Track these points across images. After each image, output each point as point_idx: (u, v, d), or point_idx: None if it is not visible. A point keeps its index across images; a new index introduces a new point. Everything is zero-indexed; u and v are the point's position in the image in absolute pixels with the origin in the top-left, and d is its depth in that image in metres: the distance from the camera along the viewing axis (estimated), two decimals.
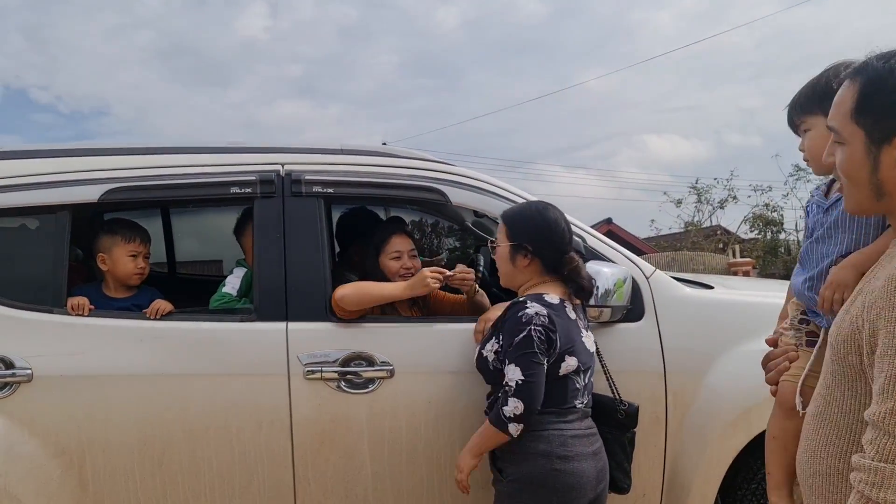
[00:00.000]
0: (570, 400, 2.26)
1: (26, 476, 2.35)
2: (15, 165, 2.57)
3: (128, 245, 2.73)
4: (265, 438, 2.47)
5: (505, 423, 2.16)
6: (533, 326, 2.18)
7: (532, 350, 2.16)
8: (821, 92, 1.73)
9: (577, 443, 2.24)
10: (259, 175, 2.64)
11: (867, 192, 1.29)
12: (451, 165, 2.88)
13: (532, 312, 2.20)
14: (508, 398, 2.16)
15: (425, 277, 2.56)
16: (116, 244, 2.73)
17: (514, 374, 2.17)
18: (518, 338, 2.18)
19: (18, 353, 2.38)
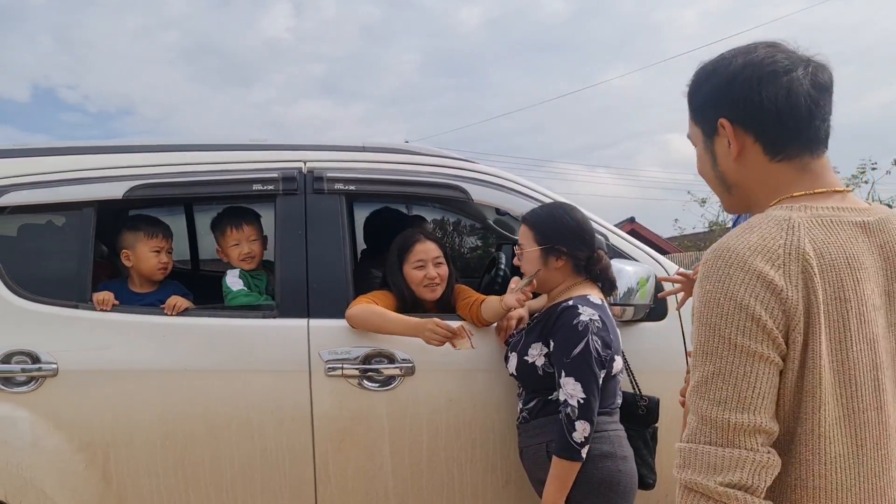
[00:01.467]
0: (616, 399, 2.31)
1: (51, 469, 2.38)
2: (42, 163, 2.60)
3: (150, 241, 2.75)
4: (286, 435, 2.48)
5: (578, 450, 2.13)
6: (591, 336, 2.17)
7: (591, 363, 2.16)
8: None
9: (625, 442, 2.29)
10: (281, 172, 2.65)
11: (718, 187, 1.31)
12: (473, 163, 2.87)
13: (586, 319, 2.20)
14: (574, 422, 2.12)
15: (429, 331, 2.41)
16: (139, 240, 2.75)
17: (574, 390, 2.14)
18: (577, 349, 2.17)
19: (44, 348, 2.41)
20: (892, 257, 1.14)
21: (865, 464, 1.11)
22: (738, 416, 1.09)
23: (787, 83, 1.17)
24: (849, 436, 1.11)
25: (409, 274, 2.70)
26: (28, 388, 2.39)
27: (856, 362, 1.10)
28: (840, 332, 1.10)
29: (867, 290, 1.11)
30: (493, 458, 2.56)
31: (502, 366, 2.54)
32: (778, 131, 1.19)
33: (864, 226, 1.15)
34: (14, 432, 2.36)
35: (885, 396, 1.11)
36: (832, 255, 1.11)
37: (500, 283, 3.53)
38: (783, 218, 1.14)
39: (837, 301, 1.10)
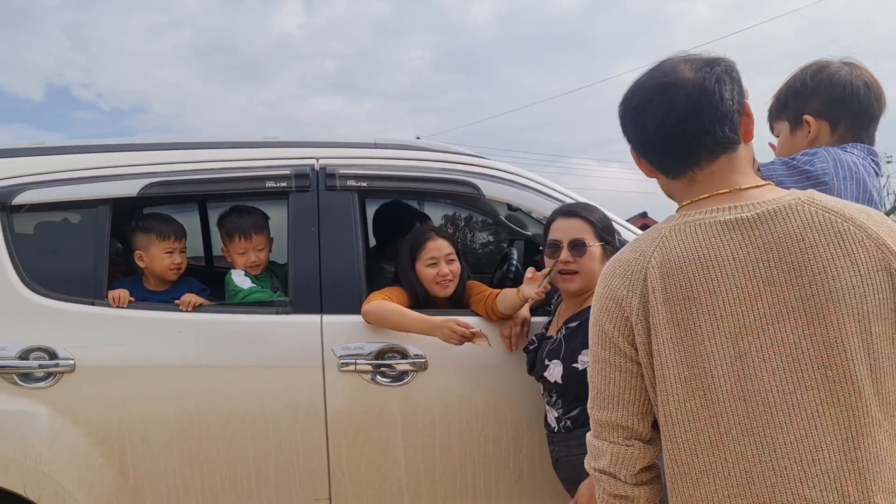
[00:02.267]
0: None
1: (69, 464, 2.41)
2: (57, 161, 2.63)
3: (163, 242, 2.77)
4: (300, 429, 2.50)
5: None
6: None
7: None
8: (783, 100, 1.82)
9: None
10: (294, 169, 2.67)
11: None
12: (484, 159, 2.87)
13: None
14: None
15: (449, 330, 2.41)
16: (152, 242, 2.77)
17: None
18: None
19: (62, 344, 2.44)
20: (773, 248, 1.18)
21: (734, 449, 1.19)
22: (600, 414, 1.33)
23: (641, 121, 1.32)
24: (709, 424, 1.20)
25: (422, 271, 2.71)
26: (46, 383, 2.42)
27: (709, 355, 1.19)
28: (689, 328, 1.20)
29: (729, 285, 1.19)
30: (506, 453, 2.57)
31: (515, 361, 2.55)
32: (655, 159, 1.36)
33: (736, 223, 1.21)
34: (32, 427, 2.39)
35: (751, 384, 1.17)
36: (682, 258, 1.22)
37: (512, 279, 3.54)
38: (657, 229, 1.30)
39: (685, 300, 1.21)
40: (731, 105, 1.27)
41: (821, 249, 1.16)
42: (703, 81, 1.26)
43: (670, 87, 1.28)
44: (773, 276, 1.17)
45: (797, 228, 1.18)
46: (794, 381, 1.16)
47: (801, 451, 1.15)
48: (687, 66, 1.29)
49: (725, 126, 1.27)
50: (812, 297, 1.15)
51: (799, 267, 1.16)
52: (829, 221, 1.18)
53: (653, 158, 1.37)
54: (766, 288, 1.18)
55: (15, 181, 2.56)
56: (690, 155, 1.29)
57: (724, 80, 1.27)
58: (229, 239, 2.86)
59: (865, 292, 1.14)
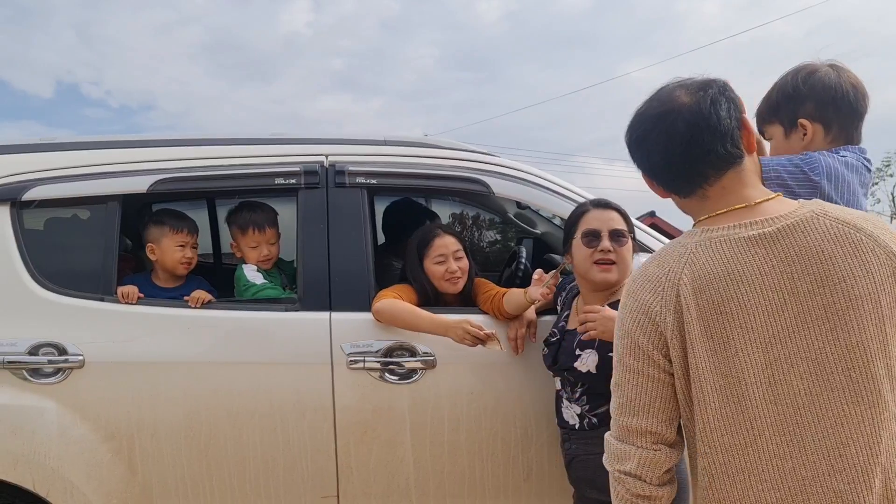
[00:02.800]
0: None
1: (77, 459, 2.41)
2: (67, 157, 2.63)
3: (176, 235, 2.78)
4: (309, 427, 2.50)
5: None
6: None
7: None
8: (775, 104, 1.86)
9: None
10: (303, 166, 2.66)
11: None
12: (494, 156, 2.86)
13: None
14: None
15: (462, 331, 2.41)
16: (165, 234, 2.78)
17: None
18: None
19: (71, 340, 2.44)
20: (795, 260, 1.26)
21: (767, 448, 1.27)
22: (628, 420, 1.39)
23: (645, 149, 1.42)
24: (744, 427, 1.28)
25: (430, 269, 2.70)
26: (55, 379, 2.42)
27: (743, 364, 1.27)
28: (723, 340, 1.28)
29: (758, 298, 1.26)
30: (515, 451, 2.56)
31: (524, 359, 2.54)
32: (665, 182, 1.44)
33: (759, 238, 1.29)
34: (41, 423, 2.39)
35: (781, 388, 1.25)
36: (713, 274, 1.29)
37: (520, 277, 3.53)
38: (681, 244, 1.37)
39: (717, 314, 1.28)
40: (728, 123, 1.35)
41: (838, 260, 1.24)
42: (699, 105, 1.34)
43: (668, 114, 1.37)
44: (797, 287, 1.25)
45: (816, 241, 1.26)
46: (821, 384, 1.24)
47: (829, 448, 1.24)
48: (683, 92, 1.37)
49: (727, 143, 1.34)
50: (833, 305, 1.23)
51: (820, 277, 1.24)
52: (844, 233, 1.26)
53: (663, 181, 1.45)
54: (792, 299, 1.25)
55: (25, 177, 2.56)
56: (697, 174, 1.37)
57: (718, 101, 1.35)
58: (242, 233, 2.86)
59: (880, 298, 1.23)
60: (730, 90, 1.38)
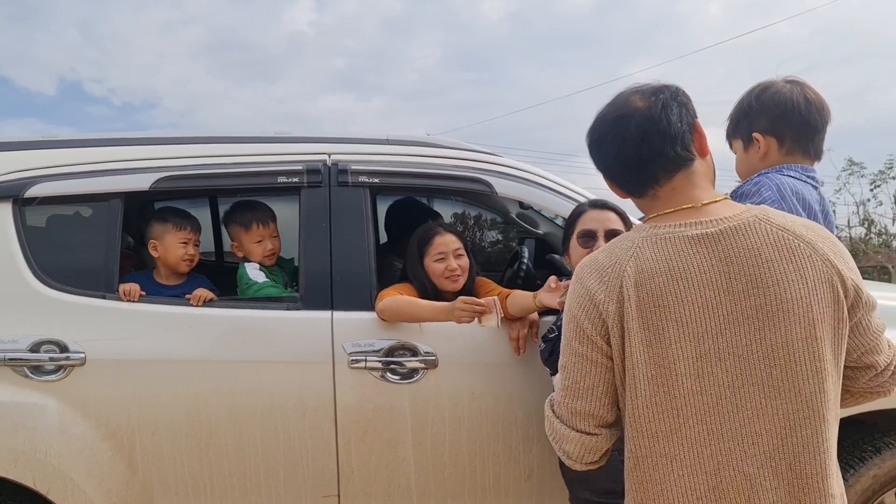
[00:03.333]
0: None
1: (78, 456, 2.41)
2: (70, 154, 2.62)
3: (179, 233, 2.78)
4: (309, 425, 2.49)
5: None
6: None
7: None
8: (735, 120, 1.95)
9: None
10: (306, 165, 2.66)
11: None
12: (497, 156, 2.86)
13: None
14: None
15: (458, 310, 2.40)
16: (168, 231, 2.77)
17: None
18: None
19: (72, 338, 2.44)
20: (733, 261, 1.33)
21: (689, 436, 1.35)
22: (573, 402, 1.46)
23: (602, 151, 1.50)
24: (671, 415, 1.35)
25: (430, 267, 2.71)
26: (56, 376, 2.42)
27: (675, 356, 1.34)
28: (658, 332, 1.35)
29: (694, 295, 1.33)
30: (516, 451, 2.55)
31: (525, 359, 2.53)
32: (621, 183, 1.52)
33: (701, 237, 1.36)
34: (42, 420, 2.39)
35: (708, 381, 1.33)
36: (654, 269, 1.36)
37: (522, 278, 3.52)
38: (630, 238, 1.44)
39: (655, 307, 1.35)
40: (679, 127, 1.42)
41: (775, 264, 1.32)
42: (651, 110, 1.42)
43: (623, 119, 1.45)
44: (733, 286, 1.33)
45: (755, 244, 1.34)
46: (743, 378, 1.33)
47: (744, 436, 1.33)
48: (637, 97, 1.46)
49: (676, 146, 1.42)
50: (765, 306, 1.32)
51: (755, 279, 1.32)
52: (783, 239, 1.34)
53: (619, 183, 1.53)
54: (726, 297, 1.33)
55: (27, 174, 2.56)
56: (649, 176, 1.45)
57: (670, 106, 1.43)
58: (246, 229, 2.86)
59: (811, 302, 1.31)
60: (682, 95, 1.46)
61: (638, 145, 1.43)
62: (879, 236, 15.15)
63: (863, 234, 15.18)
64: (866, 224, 15.21)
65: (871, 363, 1.43)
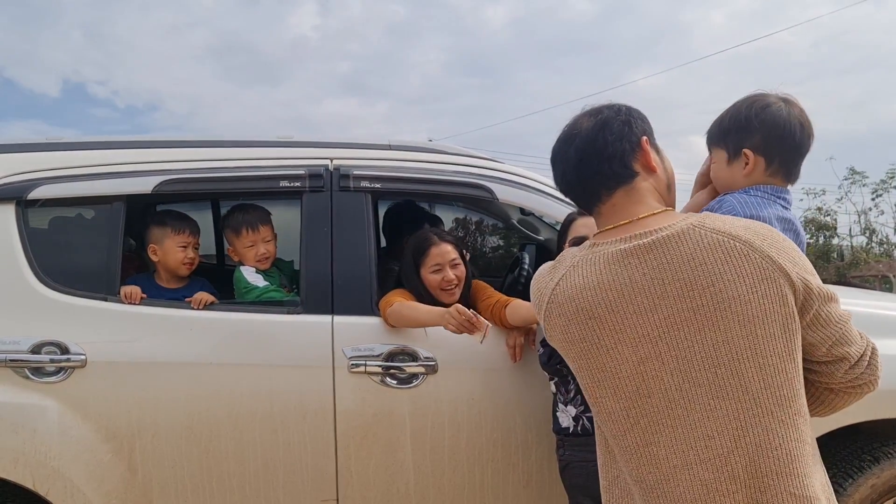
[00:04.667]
0: None
1: (78, 458, 2.41)
2: (73, 157, 2.64)
3: (178, 236, 2.78)
4: (309, 429, 2.50)
5: None
6: None
7: None
8: (725, 129, 1.91)
9: None
10: (308, 169, 2.67)
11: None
12: (498, 162, 2.87)
13: None
14: None
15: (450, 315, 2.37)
16: (167, 235, 2.78)
17: None
18: None
19: (73, 339, 2.44)
20: (666, 268, 1.36)
21: (642, 436, 1.39)
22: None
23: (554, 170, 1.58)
24: (621, 416, 1.41)
25: (427, 278, 2.72)
26: (57, 378, 2.42)
27: (614, 362, 1.39)
28: (594, 342, 1.41)
29: (626, 303, 1.38)
30: (515, 457, 2.56)
31: (525, 365, 2.54)
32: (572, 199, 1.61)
33: (633, 250, 1.40)
34: (43, 421, 2.39)
35: (653, 384, 1.37)
36: (585, 285, 1.42)
37: (523, 284, 3.52)
38: (572, 254, 1.51)
39: (588, 319, 1.40)
40: (618, 146, 1.47)
41: (709, 266, 1.33)
42: (590, 131, 1.49)
43: (568, 139, 1.53)
44: (667, 291, 1.35)
45: (688, 250, 1.35)
46: (689, 380, 1.34)
47: (696, 439, 1.34)
48: (584, 118, 1.53)
49: (614, 164, 1.47)
50: (702, 308, 1.33)
51: (690, 282, 1.34)
52: (718, 241, 1.35)
53: (571, 199, 1.62)
54: (661, 302, 1.35)
55: (30, 176, 2.57)
56: (591, 193, 1.52)
57: (610, 125, 1.49)
58: (236, 234, 2.86)
59: (750, 300, 1.31)
60: (625, 113, 1.51)
61: (577, 165, 1.51)
62: (881, 245, 15.14)
63: (864, 243, 15.18)
64: (868, 233, 15.21)
65: (842, 355, 1.41)
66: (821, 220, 16.80)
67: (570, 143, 1.52)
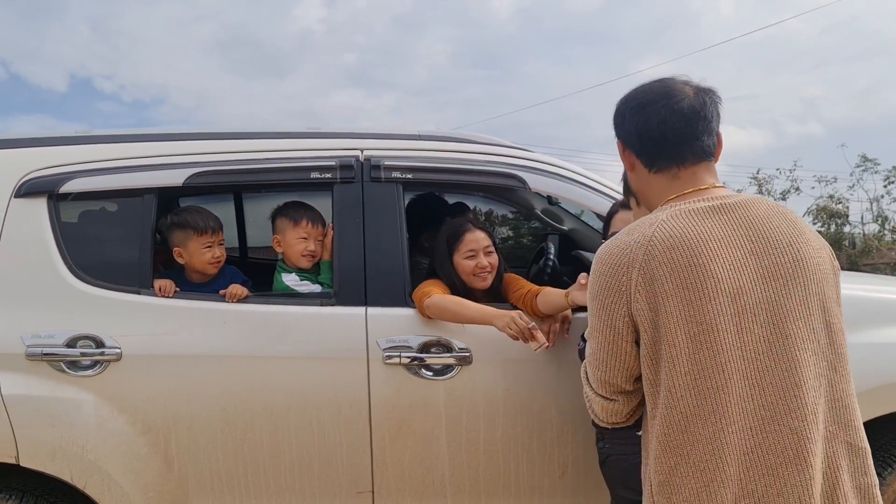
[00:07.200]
0: None
1: (115, 452, 2.41)
2: (104, 149, 2.62)
3: (201, 238, 2.74)
4: (344, 421, 2.49)
5: None
6: None
7: None
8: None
9: None
10: (339, 160, 2.65)
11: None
12: (528, 151, 2.84)
13: None
14: None
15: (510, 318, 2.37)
16: (190, 238, 2.74)
17: None
18: None
19: (108, 333, 2.44)
20: (749, 226, 1.47)
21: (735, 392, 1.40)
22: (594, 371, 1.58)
23: (645, 115, 1.57)
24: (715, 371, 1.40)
25: (460, 264, 2.69)
26: (93, 371, 2.42)
27: (716, 312, 1.41)
28: (697, 290, 1.41)
29: (724, 253, 1.43)
30: (550, 448, 2.55)
31: (560, 356, 2.52)
32: (645, 150, 1.60)
33: (717, 207, 1.49)
34: (79, 415, 2.40)
35: (746, 336, 1.41)
36: (684, 233, 1.45)
37: (549, 274, 3.51)
38: (651, 218, 1.52)
39: (691, 267, 1.42)
40: (714, 126, 1.58)
41: (784, 228, 1.48)
42: (702, 99, 1.56)
43: (676, 94, 1.56)
44: (755, 247, 1.45)
45: (764, 213, 1.49)
46: (778, 333, 1.41)
47: (785, 390, 1.40)
48: (687, 86, 1.58)
49: (711, 140, 1.57)
50: (786, 265, 1.44)
51: (773, 241, 1.46)
52: (782, 211, 1.53)
53: (642, 150, 1.61)
54: (752, 256, 1.44)
55: (62, 170, 2.56)
56: (677, 154, 1.56)
57: (715, 105, 1.58)
58: (294, 223, 2.77)
59: (819, 263, 1.47)
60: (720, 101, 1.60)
61: (684, 122, 1.55)
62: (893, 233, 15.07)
63: (876, 230, 15.11)
64: (880, 221, 15.13)
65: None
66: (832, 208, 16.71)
67: (679, 98, 1.56)
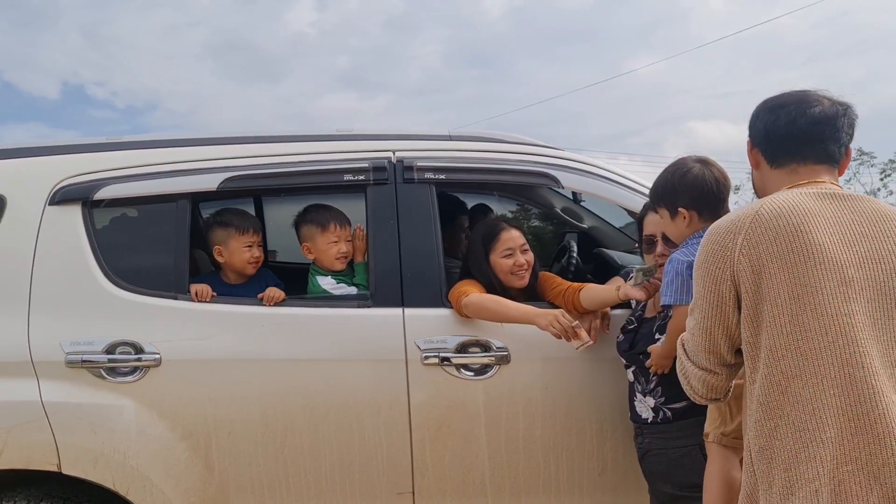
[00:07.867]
0: None
1: (156, 457, 2.41)
2: (137, 155, 2.62)
3: (243, 237, 2.75)
4: (384, 423, 2.49)
5: None
6: None
7: None
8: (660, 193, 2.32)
9: None
10: (372, 162, 2.65)
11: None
12: (558, 150, 2.85)
13: None
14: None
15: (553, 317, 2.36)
16: (231, 236, 2.75)
17: None
18: None
19: (147, 339, 2.44)
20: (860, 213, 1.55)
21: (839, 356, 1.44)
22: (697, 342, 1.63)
23: (776, 114, 1.67)
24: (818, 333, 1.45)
25: (497, 262, 2.69)
26: (132, 377, 2.42)
27: (821, 276, 1.47)
28: (802, 254, 1.48)
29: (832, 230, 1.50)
30: (590, 446, 2.55)
31: (598, 354, 2.52)
32: (770, 146, 1.70)
33: (828, 194, 1.57)
34: (120, 421, 2.39)
35: (852, 306, 1.46)
36: (791, 206, 1.52)
37: (572, 272, 3.52)
38: (755, 201, 1.61)
39: (796, 233, 1.49)
40: (844, 138, 1.66)
41: (887, 222, 1.54)
42: (835, 110, 1.65)
43: (810, 101, 1.66)
44: (865, 231, 1.52)
45: (870, 206, 1.58)
46: (882, 312, 1.48)
47: (887, 364, 1.45)
48: (826, 98, 1.66)
49: (837, 148, 1.65)
50: (891, 254, 1.51)
51: (884, 229, 1.53)
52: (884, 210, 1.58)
53: (767, 147, 1.71)
54: (861, 240, 1.51)
55: (96, 176, 2.56)
56: (799, 152, 1.65)
57: (849, 118, 1.66)
58: (322, 229, 2.79)
59: None
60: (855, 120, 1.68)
61: (812, 123, 1.63)
62: None
63: None
64: None
65: None
66: None
67: (813, 104, 1.65)
